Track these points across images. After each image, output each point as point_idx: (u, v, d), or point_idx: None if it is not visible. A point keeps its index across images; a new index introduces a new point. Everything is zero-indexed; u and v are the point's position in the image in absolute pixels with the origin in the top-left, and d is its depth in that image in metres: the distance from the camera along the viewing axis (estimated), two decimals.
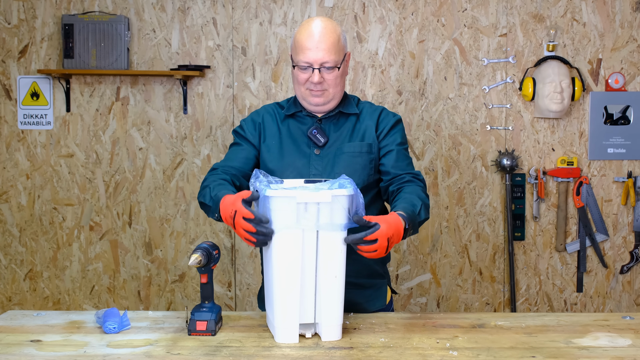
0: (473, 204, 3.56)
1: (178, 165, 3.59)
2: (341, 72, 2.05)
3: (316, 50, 1.99)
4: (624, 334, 1.78)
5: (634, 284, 3.60)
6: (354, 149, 2.08)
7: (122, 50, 3.48)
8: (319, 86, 2.03)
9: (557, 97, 3.39)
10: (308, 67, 2.02)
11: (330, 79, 2.03)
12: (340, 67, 2.03)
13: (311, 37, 1.99)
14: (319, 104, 2.08)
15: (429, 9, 3.50)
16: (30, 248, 3.64)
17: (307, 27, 2.02)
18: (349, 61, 2.12)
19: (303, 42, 2.00)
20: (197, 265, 1.79)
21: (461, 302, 3.60)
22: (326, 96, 2.07)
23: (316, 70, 2.01)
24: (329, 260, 1.71)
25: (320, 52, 1.99)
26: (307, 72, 2.03)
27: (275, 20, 3.52)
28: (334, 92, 2.07)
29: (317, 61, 2.00)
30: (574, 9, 3.48)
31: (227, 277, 3.64)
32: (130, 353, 1.66)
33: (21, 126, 3.61)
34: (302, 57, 2.01)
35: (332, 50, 2.00)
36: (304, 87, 2.06)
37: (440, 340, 1.74)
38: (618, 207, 3.57)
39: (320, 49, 1.99)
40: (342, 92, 2.10)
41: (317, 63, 2.00)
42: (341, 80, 2.07)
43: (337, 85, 2.06)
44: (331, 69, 2.02)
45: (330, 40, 1.99)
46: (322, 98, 2.07)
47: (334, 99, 2.09)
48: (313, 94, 2.06)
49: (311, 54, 1.99)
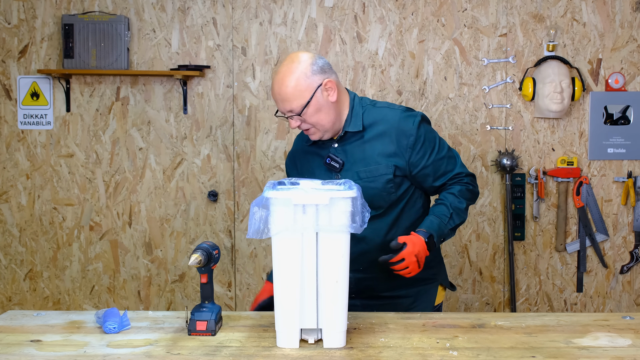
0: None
1: (178, 165, 3.59)
2: (315, 109, 2.03)
3: (278, 102, 2.05)
4: (624, 334, 1.78)
5: (634, 284, 3.60)
6: (368, 174, 2.07)
7: (122, 50, 3.48)
8: (302, 127, 2.08)
9: (557, 97, 3.39)
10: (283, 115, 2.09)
11: (307, 119, 2.05)
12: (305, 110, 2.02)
13: (273, 90, 2.05)
14: (316, 139, 2.12)
15: (429, 9, 3.50)
16: (30, 248, 3.64)
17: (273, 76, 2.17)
18: (332, 87, 2.06)
19: (272, 94, 2.08)
20: (197, 265, 1.78)
21: (461, 302, 3.60)
22: (316, 132, 2.09)
23: (290, 119, 2.07)
24: (329, 264, 1.69)
25: (282, 103, 2.04)
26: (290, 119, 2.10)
27: (275, 20, 3.52)
28: (321, 127, 2.07)
29: (284, 111, 2.06)
30: (574, 9, 3.48)
31: (227, 277, 3.64)
32: (130, 353, 1.66)
33: (21, 126, 3.61)
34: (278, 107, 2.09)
35: (291, 98, 2.02)
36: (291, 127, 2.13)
37: (440, 340, 1.74)
38: (618, 207, 3.57)
39: (280, 101, 2.04)
40: (333, 119, 2.07)
41: (285, 113, 2.06)
42: (322, 114, 2.05)
43: (318, 121, 2.05)
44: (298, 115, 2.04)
45: (287, 90, 2.01)
46: (315, 135, 2.10)
47: (328, 130, 2.08)
48: (306, 134, 2.11)
49: (279, 105, 2.06)
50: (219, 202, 3.59)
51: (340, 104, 2.10)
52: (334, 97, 2.06)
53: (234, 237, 3.61)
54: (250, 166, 3.57)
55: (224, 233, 3.61)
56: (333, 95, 2.06)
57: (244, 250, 3.61)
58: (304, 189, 1.71)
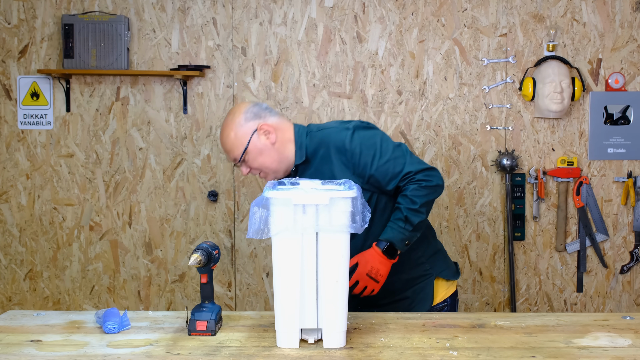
0: (473, 204, 3.56)
1: (178, 165, 3.59)
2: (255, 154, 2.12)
3: (227, 154, 2.19)
4: (624, 334, 1.78)
5: (634, 284, 3.60)
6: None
7: (122, 50, 3.48)
8: (254, 172, 2.18)
9: (557, 97, 3.39)
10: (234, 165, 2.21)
11: (251, 164, 2.15)
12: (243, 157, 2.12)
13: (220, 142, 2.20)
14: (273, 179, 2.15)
15: (429, 9, 3.50)
16: (30, 248, 3.64)
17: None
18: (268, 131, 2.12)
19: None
20: (197, 265, 1.78)
21: (461, 302, 3.60)
22: (270, 176, 2.18)
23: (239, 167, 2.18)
24: (329, 264, 1.69)
25: (227, 154, 2.18)
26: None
27: (275, 20, 3.52)
28: (271, 169, 2.15)
29: (232, 161, 2.19)
30: (574, 9, 3.48)
31: (227, 277, 3.64)
32: (130, 353, 1.66)
33: (21, 126, 3.60)
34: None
35: (232, 148, 2.14)
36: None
37: (440, 340, 1.74)
38: (618, 207, 3.57)
39: (226, 152, 2.18)
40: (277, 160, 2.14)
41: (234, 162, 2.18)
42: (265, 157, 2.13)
43: (263, 163, 2.14)
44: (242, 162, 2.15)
45: (226, 141, 2.15)
46: (268, 177, 2.19)
47: (277, 170, 2.16)
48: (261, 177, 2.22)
49: (227, 157, 2.21)
50: (219, 202, 3.59)
51: (284, 143, 2.15)
52: (272, 139, 2.13)
53: (234, 237, 3.61)
54: None
55: (224, 233, 3.61)
56: (272, 136, 2.13)
57: (244, 250, 3.61)
58: (304, 189, 1.71)
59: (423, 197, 2.05)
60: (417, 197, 2.03)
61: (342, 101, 3.53)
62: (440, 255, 2.27)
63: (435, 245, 2.28)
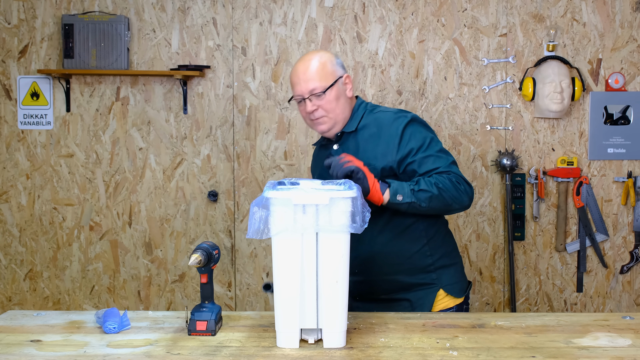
0: (473, 204, 3.56)
1: (178, 165, 3.59)
2: (334, 96, 2.13)
3: (301, 82, 2.13)
4: (624, 334, 1.78)
5: (634, 284, 3.60)
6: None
7: (122, 50, 3.48)
8: (316, 114, 2.14)
9: (557, 97, 3.39)
10: (301, 100, 2.15)
11: (324, 104, 2.13)
12: (327, 91, 2.11)
13: (297, 72, 2.15)
14: (323, 130, 2.18)
15: (429, 9, 3.50)
16: (30, 248, 3.64)
17: (295, 64, 2.19)
18: (349, 83, 2.19)
19: (292, 79, 2.18)
20: (197, 265, 1.78)
21: None
22: (327, 122, 2.15)
23: (307, 100, 2.13)
24: (329, 265, 1.69)
25: (305, 82, 2.12)
26: (303, 104, 2.16)
27: (275, 20, 3.52)
28: (334, 117, 2.15)
29: (305, 91, 2.13)
30: (574, 9, 3.48)
31: (227, 277, 3.64)
32: (130, 353, 1.66)
33: (21, 126, 3.61)
34: (294, 91, 2.17)
35: (316, 77, 2.12)
36: (307, 118, 2.18)
37: (440, 340, 1.74)
38: (618, 207, 3.57)
39: (304, 80, 2.13)
40: (344, 113, 2.17)
41: (305, 93, 2.13)
42: (338, 104, 2.14)
43: (334, 109, 2.13)
44: (320, 95, 2.11)
45: (312, 69, 2.12)
46: (324, 125, 2.16)
47: (337, 122, 2.17)
48: (315, 123, 2.17)
49: (298, 86, 2.14)
50: (219, 202, 3.59)
51: (350, 103, 2.22)
52: (350, 93, 2.20)
53: (234, 237, 3.61)
54: (250, 166, 3.57)
55: (224, 233, 3.61)
56: (349, 91, 2.19)
57: (244, 250, 3.61)
58: (304, 189, 1.71)
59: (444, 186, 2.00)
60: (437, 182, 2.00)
61: None
62: (453, 269, 2.22)
63: (451, 259, 2.23)
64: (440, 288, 2.17)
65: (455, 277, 2.22)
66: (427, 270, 2.16)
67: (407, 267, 2.14)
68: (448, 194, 2.01)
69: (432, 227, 2.18)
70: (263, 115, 3.55)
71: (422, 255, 2.15)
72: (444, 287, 2.18)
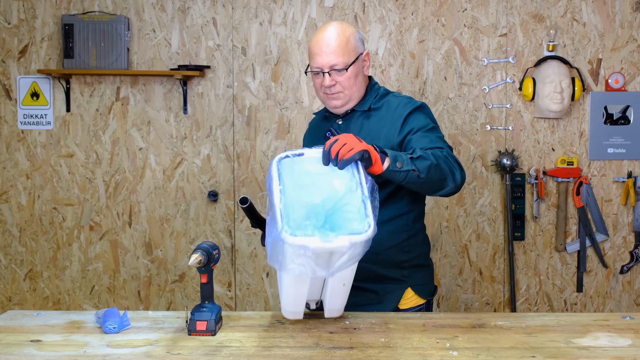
0: (473, 204, 3.56)
1: (178, 165, 3.59)
2: (354, 73, 2.08)
3: (323, 55, 2.05)
4: (624, 334, 1.78)
5: (634, 284, 3.60)
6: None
7: (122, 50, 3.48)
8: (332, 89, 2.08)
9: (557, 97, 3.39)
10: (319, 72, 2.07)
11: (343, 81, 2.07)
12: (349, 68, 2.06)
13: (318, 43, 2.06)
14: (336, 106, 2.13)
15: (429, 9, 3.50)
16: (30, 248, 3.64)
17: (317, 34, 2.09)
18: (367, 60, 2.15)
19: (312, 48, 2.08)
20: (197, 265, 1.78)
21: (461, 302, 3.60)
22: (342, 98, 2.11)
23: (326, 74, 2.06)
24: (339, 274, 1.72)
25: (327, 55, 2.04)
26: (320, 77, 2.08)
27: (275, 20, 3.52)
28: (350, 94, 2.10)
29: (326, 65, 2.06)
30: (574, 9, 3.48)
31: (227, 277, 3.64)
32: (130, 353, 1.66)
33: (21, 126, 3.61)
34: (313, 62, 2.08)
35: (339, 52, 2.04)
36: (321, 91, 2.12)
37: (440, 340, 1.74)
38: (618, 207, 3.57)
39: (326, 53, 2.04)
40: (360, 91, 2.13)
41: (326, 67, 2.06)
42: (356, 81, 2.09)
43: (351, 86, 2.09)
44: (341, 71, 2.06)
45: (337, 43, 2.04)
46: (339, 101, 2.11)
47: (352, 99, 2.12)
48: (330, 97, 2.11)
49: (319, 58, 2.06)
50: (219, 202, 3.59)
51: (366, 81, 2.18)
52: (367, 71, 2.16)
53: (234, 237, 3.61)
54: (250, 166, 3.57)
55: (224, 233, 3.61)
56: (367, 68, 2.15)
57: (244, 250, 3.61)
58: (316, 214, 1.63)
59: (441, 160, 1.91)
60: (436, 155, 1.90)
61: None
62: (424, 271, 2.20)
63: (425, 260, 2.21)
64: (409, 286, 2.14)
65: (425, 279, 2.19)
66: (400, 267, 2.13)
67: (382, 259, 2.09)
68: (445, 166, 1.91)
69: (415, 223, 2.16)
70: (263, 115, 3.55)
71: (400, 251, 2.12)
72: (413, 286, 2.14)
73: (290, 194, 1.66)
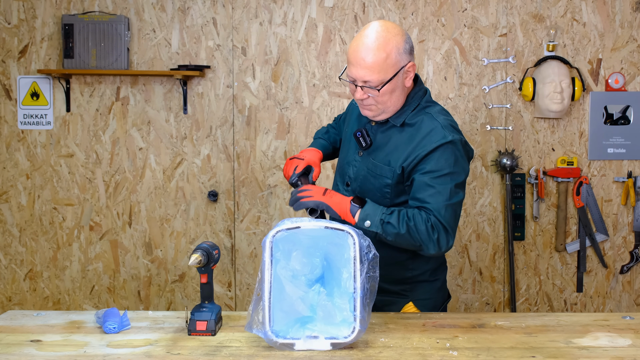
0: (473, 204, 3.56)
1: (178, 165, 3.59)
2: (390, 89, 1.89)
3: (358, 67, 1.87)
4: (624, 334, 1.78)
5: (634, 284, 3.60)
6: (373, 169, 1.99)
7: (122, 50, 3.48)
8: (365, 101, 1.93)
9: (557, 97, 3.39)
10: (353, 81, 1.92)
11: (379, 96, 1.91)
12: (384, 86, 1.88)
13: (357, 51, 1.87)
14: (369, 116, 1.99)
15: (429, 9, 3.50)
16: (30, 248, 3.64)
17: (358, 37, 1.89)
18: (412, 71, 1.94)
19: (350, 54, 1.90)
20: (197, 265, 1.78)
21: (461, 302, 3.60)
22: (375, 110, 1.96)
23: (358, 87, 1.90)
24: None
25: (362, 69, 1.87)
26: (353, 86, 1.93)
27: (275, 20, 3.52)
28: (383, 107, 1.94)
29: (358, 79, 1.89)
30: (574, 9, 3.48)
31: (227, 277, 3.64)
32: (130, 353, 1.66)
33: (21, 126, 3.61)
34: (348, 70, 1.91)
35: (375, 69, 1.85)
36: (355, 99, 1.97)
37: (440, 340, 1.74)
38: (618, 207, 3.57)
39: (362, 67, 1.86)
40: (396, 105, 1.95)
41: (359, 80, 1.89)
42: (392, 96, 1.92)
43: (385, 101, 1.92)
44: (370, 88, 1.89)
45: (374, 60, 1.85)
46: (371, 112, 1.96)
47: (386, 112, 1.96)
48: (363, 107, 1.97)
49: (353, 69, 1.88)
50: (219, 202, 3.59)
51: (407, 91, 1.99)
52: (409, 82, 1.96)
53: (234, 237, 3.61)
54: (250, 166, 3.57)
55: (224, 233, 3.61)
56: (409, 80, 1.95)
57: (244, 250, 3.61)
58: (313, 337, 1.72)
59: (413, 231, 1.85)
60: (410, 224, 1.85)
61: (342, 101, 3.53)
62: (430, 286, 2.11)
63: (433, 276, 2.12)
64: (410, 300, 2.09)
65: (429, 293, 2.11)
66: (402, 282, 2.07)
67: (383, 274, 1.88)
68: (417, 237, 1.85)
69: None
70: (263, 115, 3.55)
71: (403, 268, 2.05)
72: (414, 300, 2.08)
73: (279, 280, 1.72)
